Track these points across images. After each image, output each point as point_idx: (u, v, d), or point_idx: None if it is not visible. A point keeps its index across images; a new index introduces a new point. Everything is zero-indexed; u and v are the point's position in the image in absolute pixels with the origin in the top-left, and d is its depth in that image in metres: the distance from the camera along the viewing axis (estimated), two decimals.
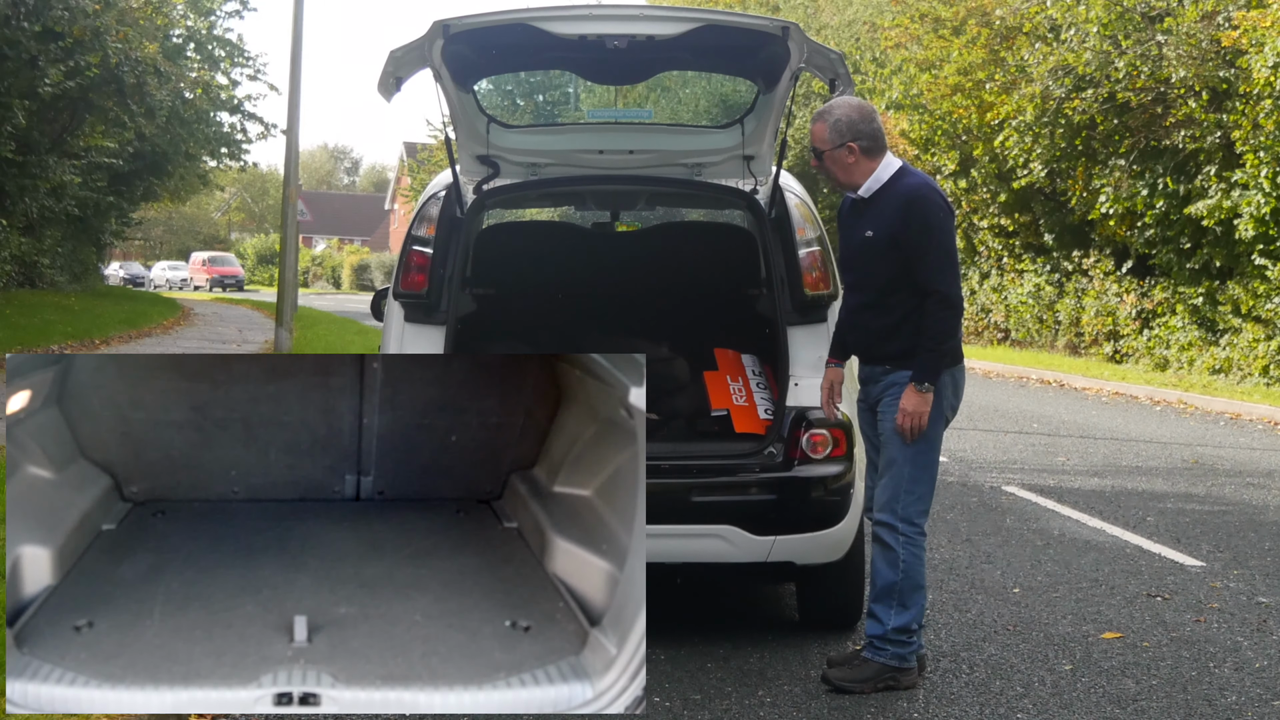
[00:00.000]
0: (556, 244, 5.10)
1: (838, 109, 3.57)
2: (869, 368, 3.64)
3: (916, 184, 3.54)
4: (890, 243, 3.51)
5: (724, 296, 4.78)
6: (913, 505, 3.51)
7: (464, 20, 3.78)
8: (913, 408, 3.47)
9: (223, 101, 24.03)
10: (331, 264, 53.89)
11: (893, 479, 3.52)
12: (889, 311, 3.54)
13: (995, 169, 16.97)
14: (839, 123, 3.54)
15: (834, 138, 3.54)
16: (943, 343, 3.48)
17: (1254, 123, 12.14)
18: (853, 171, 3.57)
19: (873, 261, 3.56)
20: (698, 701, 3.46)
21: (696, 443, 4.13)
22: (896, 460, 3.52)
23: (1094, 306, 16.23)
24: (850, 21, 23.13)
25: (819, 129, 3.58)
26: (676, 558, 3.86)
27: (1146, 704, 3.51)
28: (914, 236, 3.48)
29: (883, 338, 3.56)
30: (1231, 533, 5.95)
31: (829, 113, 3.57)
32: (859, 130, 3.54)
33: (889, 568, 3.50)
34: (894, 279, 3.52)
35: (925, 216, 3.48)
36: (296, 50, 13.32)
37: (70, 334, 13.92)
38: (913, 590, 3.50)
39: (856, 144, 3.53)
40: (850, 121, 3.54)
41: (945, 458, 8.12)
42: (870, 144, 3.55)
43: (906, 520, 3.50)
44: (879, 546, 3.53)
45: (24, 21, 12.47)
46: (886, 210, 3.53)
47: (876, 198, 3.57)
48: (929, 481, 3.54)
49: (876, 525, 3.54)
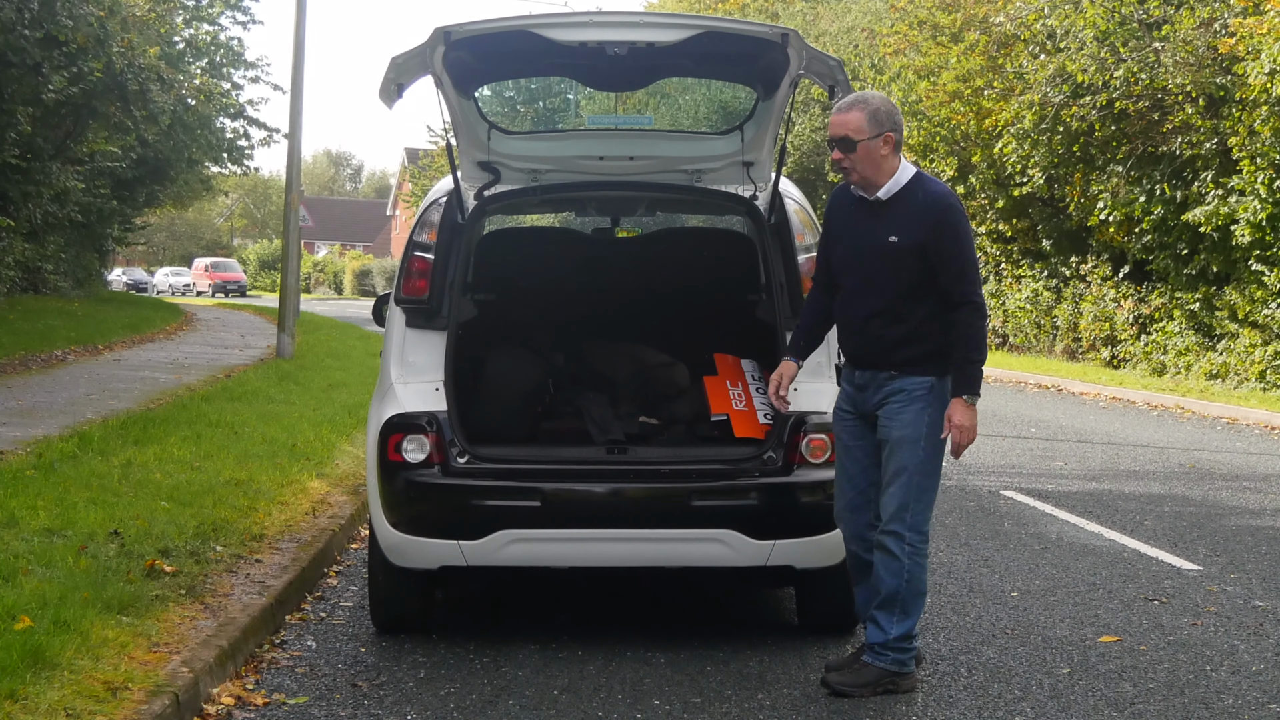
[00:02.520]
0: (557, 250, 5.12)
1: (874, 99, 3.49)
2: (869, 373, 3.58)
3: (944, 193, 3.52)
4: (917, 251, 3.46)
5: (724, 302, 4.81)
6: (921, 514, 3.51)
7: (465, 27, 3.81)
8: (967, 422, 3.45)
9: (225, 106, 24.08)
10: (333, 269, 53.93)
11: (902, 488, 3.50)
12: (904, 320, 3.51)
13: (993, 175, 17.02)
14: (878, 112, 3.45)
15: (873, 127, 3.44)
16: (980, 353, 3.47)
17: (1250, 129, 12.18)
18: (882, 166, 3.47)
19: (891, 268, 3.50)
20: (697, 705, 3.48)
21: (696, 447, 4.16)
22: (907, 469, 3.50)
23: (1092, 312, 16.27)
24: (849, 28, 23.20)
25: (854, 118, 3.44)
26: (676, 562, 3.89)
27: (1144, 707, 3.53)
28: (947, 247, 3.44)
29: (895, 345, 3.52)
30: (1228, 537, 5.97)
31: (865, 102, 3.47)
32: (896, 121, 3.47)
33: (893, 576, 3.50)
34: (916, 287, 3.48)
35: (957, 227, 3.47)
36: (299, 56, 13.37)
37: (74, 339, 13.94)
38: (915, 598, 3.51)
39: (894, 135, 3.46)
40: (889, 111, 3.47)
41: (944, 462, 8.14)
42: (900, 139, 3.51)
43: (915, 529, 3.50)
44: (884, 555, 3.52)
45: (28, 28, 12.51)
46: (913, 217, 3.47)
47: (895, 201, 3.50)
48: (934, 489, 3.56)
49: (884, 534, 3.52)
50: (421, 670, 3.75)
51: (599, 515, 3.85)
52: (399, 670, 3.75)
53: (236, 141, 24.78)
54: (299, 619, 4.28)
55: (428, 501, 3.84)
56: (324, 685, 3.61)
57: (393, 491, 3.85)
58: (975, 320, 3.45)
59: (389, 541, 3.89)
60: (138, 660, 3.37)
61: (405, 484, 3.84)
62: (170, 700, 3.14)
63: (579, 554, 3.87)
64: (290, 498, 5.72)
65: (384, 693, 3.55)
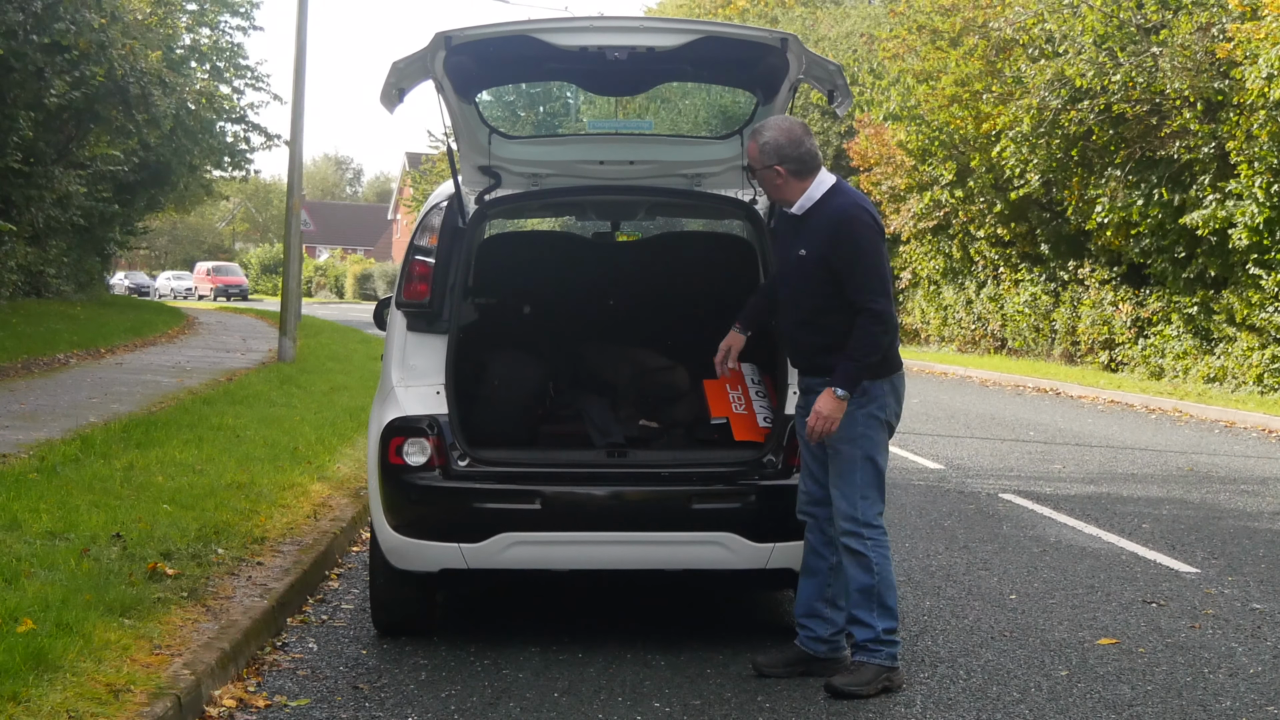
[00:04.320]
0: (558, 254, 5.14)
1: (767, 130, 3.64)
2: (808, 379, 3.73)
3: (846, 204, 3.60)
4: (821, 263, 3.58)
5: (723, 305, 4.83)
6: (869, 509, 3.60)
7: (466, 32, 3.82)
8: (827, 412, 3.55)
9: (226, 111, 24.11)
10: (335, 273, 53.96)
11: (846, 489, 3.60)
12: (823, 330, 3.62)
13: (992, 179, 17.05)
14: (767, 145, 3.62)
15: (762, 159, 3.63)
16: (868, 357, 3.55)
17: (1248, 133, 12.21)
18: (782, 190, 3.66)
19: (804, 280, 3.64)
20: (697, 707, 3.50)
21: (696, 450, 4.17)
22: (844, 473, 3.60)
23: (1090, 315, 16.29)
24: (848, 33, 23.26)
25: (750, 147, 3.68)
26: (676, 564, 3.91)
27: (1142, 709, 3.55)
28: (844, 256, 3.55)
29: (819, 352, 3.65)
30: (1226, 539, 5.98)
31: (759, 133, 3.65)
32: (785, 154, 3.61)
33: (864, 573, 3.58)
34: (826, 297, 3.60)
35: (854, 237, 3.55)
36: (300, 61, 13.40)
37: (76, 343, 13.97)
38: (888, 590, 3.60)
39: (783, 167, 3.61)
40: (777, 145, 3.61)
41: (943, 465, 8.16)
42: (798, 167, 3.62)
43: (867, 524, 3.60)
44: (850, 555, 3.61)
45: (31, 34, 12.54)
46: (819, 230, 3.60)
47: (808, 216, 3.65)
48: (879, 484, 3.64)
49: (843, 535, 3.62)
50: (422, 672, 3.77)
51: (599, 518, 3.87)
52: (400, 672, 3.77)
53: (237, 146, 24.82)
54: (300, 621, 4.30)
55: (429, 504, 3.86)
56: (325, 687, 3.62)
57: (394, 494, 3.87)
58: (871, 326, 3.54)
59: (390, 544, 3.91)
60: (140, 662, 3.39)
61: (406, 487, 3.85)
62: (172, 702, 3.15)
63: (579, 557, 3.88)
64: (292, 501, 5.73)
65: (385, 695, 3.57)
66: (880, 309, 3.54)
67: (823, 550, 3.70)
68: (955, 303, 20.23)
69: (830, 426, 3.55)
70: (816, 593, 3.72)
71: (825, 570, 3.71)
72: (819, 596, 3.72)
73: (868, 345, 3.54)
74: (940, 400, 12.71)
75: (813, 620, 3.73)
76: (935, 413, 11.42)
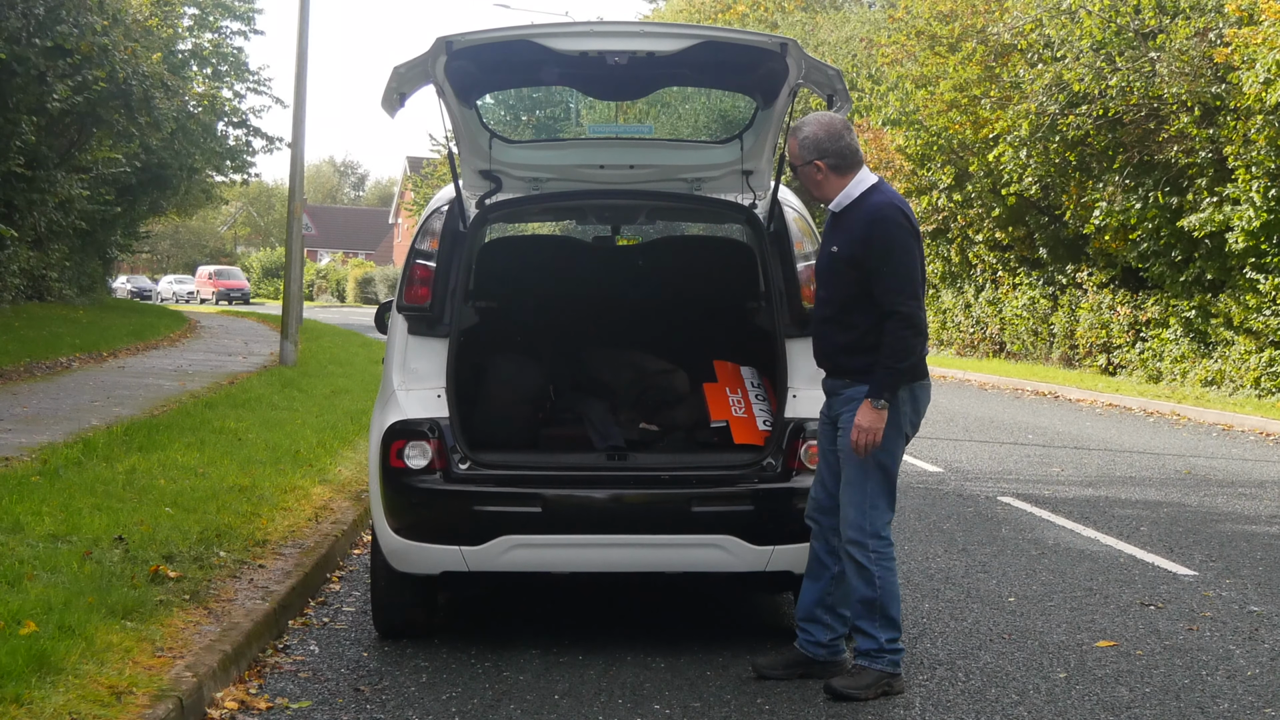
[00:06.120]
0: (558, 258, 5.16)
1: (807, 126, 3.66)
2: (831, 381, 3.72)
3: (881, 203, 3.60)
4: (851, 261, 3.58)
5: (723, 310, 4.85)
6: (878, 519, 3.59)
7: (467, 37, 3.84)
8: (868, 424, 3.52)
9: (227, 114, 24.15)
10: (336, 277, 53.98)
11: (855, 498, 3.59)
12: (849, 328, 3.61)
13: (990, 184, 17.08)
14: (806, 140, 3.64)
15: (802, 154, 3.65)
16: (900, 361, 3.53)
17: (1245, 138, 12.24)
18: (823, 187, 3.67)
19: (835, 277, 3.64)
20: (697, 709, 3.51)
21: (696, 454, 4.19)
22: (854, 480, 3.58)
23: (1088, 319, 16.31)
24: (847, 38, 23.29)
25: (790, 144, 3.71)
26: (677, 567, 3.92)
27: (1140, 711, 3.56)
28: (875, 256, 3.54)
29: (842, 351, 3.64)
30: (1224, 542, 6.00)
31: (799, 129, 3.67)
32: (824, 149, 3.62)
33: (867, 585, 3.58)
34: (854, 296, 3.59)
35: (887, 237, 3.54)
36: (301, 65, 13.43)
37: (78, 346, 13.98)
38: (891, 601, 3.60)
39: (823, 162, 3.63)
40: (816, 140, 3.63)
41: (942, 468, 8.18)
42: (838, 162, 3.63)
43: (875, 535, 3.58)
44: (854, 565, 3.60)
45: (33, 38, 12.57)
46: (852, 227, 3.61)
47: (846, 214, 3.65)
48: (889, 495, 3.63)
49: (848, 544, 3.61)
50: (423, 675, 3.78)
51: (600, 521, 3.88)
52: (401, 675, 3.78)
53: (238, 149, 24.85)
54: (302, 624, 4.31)
55: (430, 507, 3.88)
56: (326, 690, 3.64)
57: (395, 497, 3.88)
58: (900, 330, 3.52)
59: (391, 547, 3.92)
60: (142, 665, 3.40)
61: (407, 490, 3.87)
62: (174, 705, 3.16)
63: (580, 559, 3.90)
64: (293, 503, 5.75)
65: (386, 697, 3.58)
66: (908, 311, 3.52)
67: (826, 559, 3.71)
68: (954, 306, 20.26)
69: (875, 438, 3.50)
70: (818, 598, 3.72)
71: (828, 578, 3.72)
72: (820, 603, 3.72)
73: (899, 349, 3.51)
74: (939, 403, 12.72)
75: (813, 625, 3.74)
76: (934, 416, 11.43)
